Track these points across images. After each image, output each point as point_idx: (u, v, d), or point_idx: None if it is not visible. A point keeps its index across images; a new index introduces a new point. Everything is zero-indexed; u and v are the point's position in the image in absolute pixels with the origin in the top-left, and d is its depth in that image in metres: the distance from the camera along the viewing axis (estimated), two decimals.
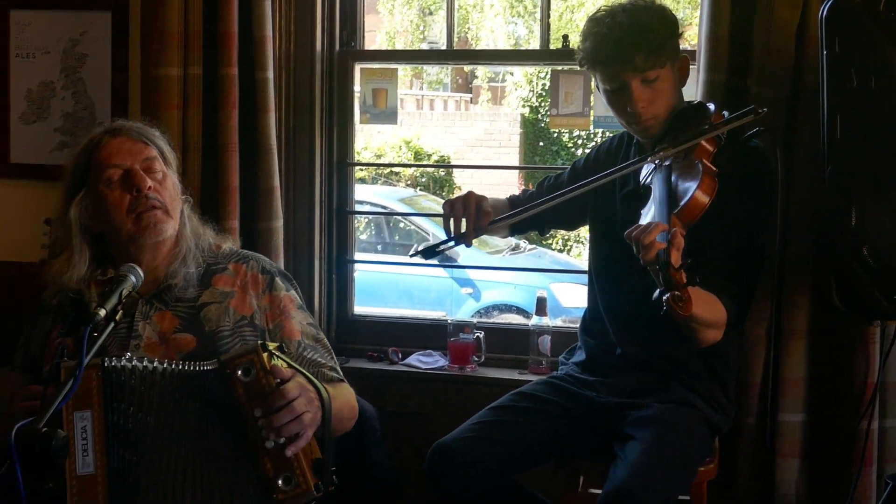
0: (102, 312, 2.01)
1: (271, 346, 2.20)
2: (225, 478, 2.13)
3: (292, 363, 2.24)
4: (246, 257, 2.55)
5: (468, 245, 2.77)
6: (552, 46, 3.62)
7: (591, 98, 3.53)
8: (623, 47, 2.58)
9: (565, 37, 3.56)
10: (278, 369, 2.15)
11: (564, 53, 3.52)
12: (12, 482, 1.76)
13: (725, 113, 2.62)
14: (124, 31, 3.59)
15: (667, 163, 2.54)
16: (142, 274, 2.19)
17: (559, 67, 3.63)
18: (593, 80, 2.73)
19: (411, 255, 2.88)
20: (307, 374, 2.22)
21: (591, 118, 3.58)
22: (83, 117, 3.64)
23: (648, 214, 2.45)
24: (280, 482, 2.11)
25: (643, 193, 2.56)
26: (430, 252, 2.79)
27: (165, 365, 2.17)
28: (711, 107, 2.65)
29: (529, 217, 2.79)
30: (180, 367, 2.17)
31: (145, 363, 2.15)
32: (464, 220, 2.74)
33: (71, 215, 2.40)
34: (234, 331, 2.39)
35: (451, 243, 2.76)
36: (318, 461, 2.14)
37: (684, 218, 2.38)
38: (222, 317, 2.40)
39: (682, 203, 2.39)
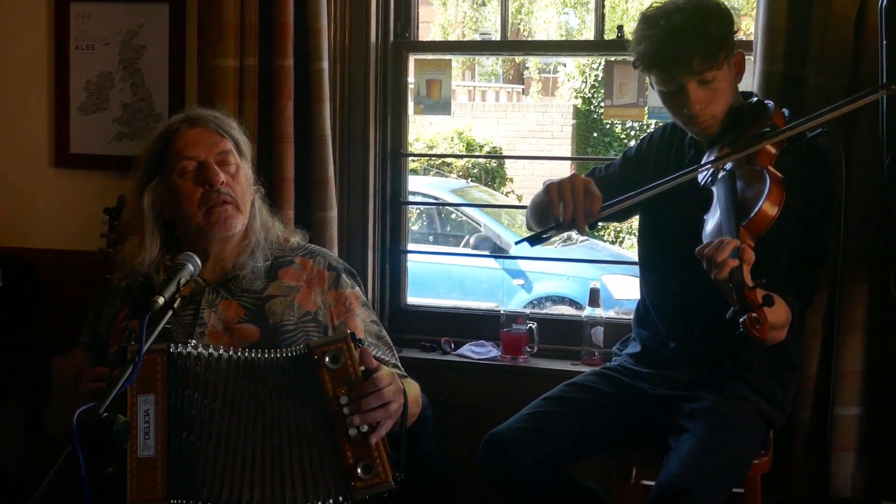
0: (161, 300, 2.03)
1: (358, 337, 2.21)
2: (299, 464, 2.13)
3: (381, 357, 2.24)
4: (313, 252, 2.57)
5: (581, 232, 2.64)
6: (607, 37, 3.60)
7: (647, 89, 3.51)
8: (679, 50, 2.53)
9: (620, 27, 3.54)
10: (367, 357, 2.16)
11: (619, 44, 3.50)
12: (75, 465, 1.79)
13: (785, 111, 2.58)
14: (181, 22, 3.62)
15: (729, 167, 2.49)
16: (199, 262, 2.20)
17: (613, 58, 3.61)
18: (647, 79, 2.70)
19: (517, 244, 2.79)
20: (387, 368, 2.23)
21: (646, 109, 3.56)
22: (141, 108, 3.69)
23: (713, 223, 2.41)
24: (359, 470, 2.11)
25: (700, 191, 2.53)
26: (536, 239, 2.67)
27: (231, 353, 2.18)
28: (771, 105, 2.60)
29: None
30: (248, 355, 2.18)
31: (211, 351, 2.16)
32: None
33: (144, 201, 2.44)
34: (298, 325, 2.41)
35: (561, 230, 2.63)
36: (390, 455, 2.13)
37: (753, 230, 2.34)
38: (287, 311, 2.42)
39: (751, 215, 2.34)
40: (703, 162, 2.60)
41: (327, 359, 2.13)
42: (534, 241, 2.68)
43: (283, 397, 2.16)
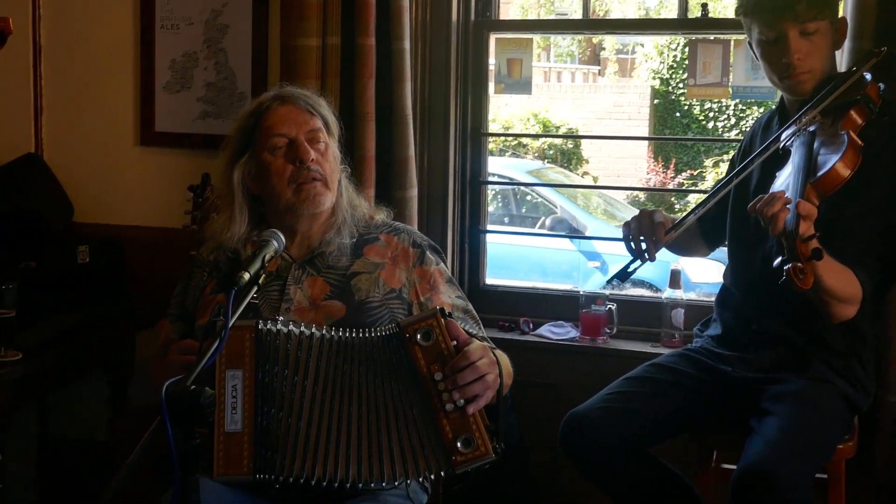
0: (246, 276, 2.03)
1: (449, 312, 2.21)
2: (397, 441, 2.14)
3: (468, 330, 2.24)
4: (398, 230, 2.58)
5: (652, 260, 2.74)
6: (690, 15, 3.55)
7: (730, 68, 3.47)
8: None
9: (704, 5, 3.50)
10: (455, 329, 2.16)
11: (703, 22, 3.47)
12: (163, 436, 1.82)
13: (881, 84, 2.53)
14: (264, 1, 3.65)
15: (811, 128, 2.48)
16: (283, 239, 2.20)
17: (693, 36, 3.57)
18: (747, 35, 2.69)
19: (608, 283, 2.90)
20: (478, 341, 2.23)
21: (730, 88, 3.51)
22: (224, 87, 3.72)
23: (782, 177, 2.42)
24: (459, 444, 2.11)
25: (781, 155, 2.52)
26: (623, 275, 2.77)
27: (324, 332, 2.19)
28: (868, 76, 2.56)
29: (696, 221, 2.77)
30: (338, 334, 2.19)
31: (302, 329, 2.18)
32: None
33: (234, 177, 2.46)
34: (383, 302, 2.42)
35: (637, 262, 2.74)
36: (488, 427, 2.12)
37: (820, 188, 2.33)
38: (372, 287, 2.43)
39: (820, 173, 2.34)
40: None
41: (419, 336, 2.13)
42: (621, 277, 2.78)
43: (377, 375, 2.16)
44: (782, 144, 2.56)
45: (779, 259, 2.20)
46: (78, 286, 3.61)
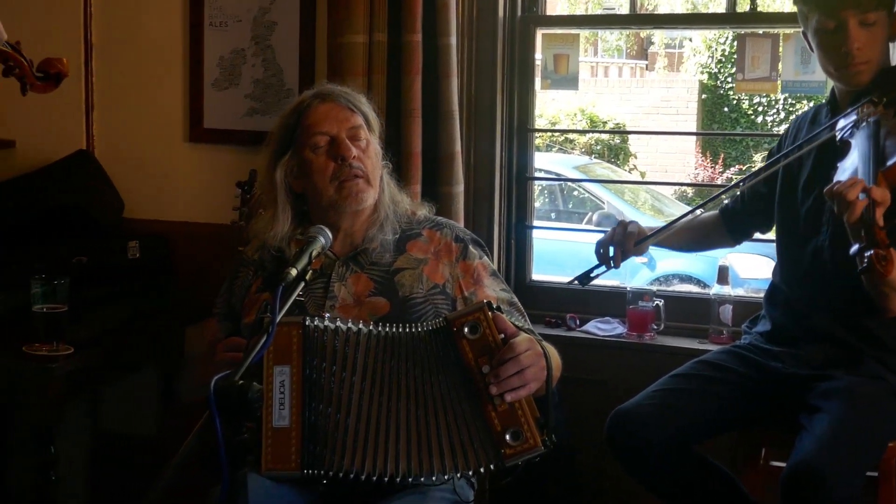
0: (293, 272, 2.04)
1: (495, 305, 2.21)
2: (447, 435, 2.14)
3: (514, 323, 2.25)
4: (440, 224, 2.58)
5: (617, 268, 2.89)
6: (738, 9, 3.52)
7: (779, 62, 3.43)
8: None
9: None
10: (504, 323, 2.16)
11: (752, 16, 3.44)
12: (211, 431, 1.83)
13: None
14: None
15: (873, 119, 2.45)
16: (330, 235, 2.22)
17: (741, 30, 3.54)
18: (802, 24, 2.66)
19: (569, 284, 3.01)
20: (527, 333, 2.23)
21: (779, 83, 3.48)
22: (272, 84, 3.74)
23: (848, 169, 2.38)
24: (508, 437, 2.10)
25: (839, 147, 2.49)
26: (585, 278, 2.94)
27: (371, 328, 2.20)
28: None
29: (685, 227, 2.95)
30: (386, 330, 2.20)
31: (349, 325, 2.19)
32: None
33: (276, 176, 2.48)
34: (427, 298, 2.42)
35: (602, 268, 2.90)
36: (538, 420, 2.12)
37: (890, 178, 2.30)
38: (416, 283, 2.43)
39: (890, 162, 2.32)
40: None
41: (466, 329, 2.13)
42: (583, 280, 2.94)
43: (425, 369, 2.17)
44: (839, 136, 2.53)
45: (856, 247, 2.18)
46: (128, 281, 3.65)
